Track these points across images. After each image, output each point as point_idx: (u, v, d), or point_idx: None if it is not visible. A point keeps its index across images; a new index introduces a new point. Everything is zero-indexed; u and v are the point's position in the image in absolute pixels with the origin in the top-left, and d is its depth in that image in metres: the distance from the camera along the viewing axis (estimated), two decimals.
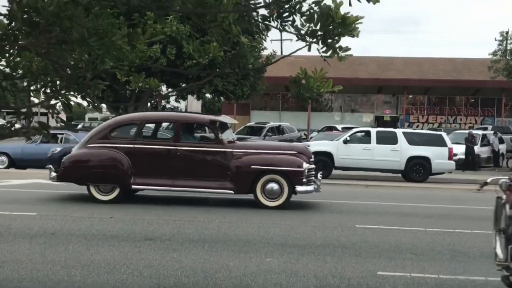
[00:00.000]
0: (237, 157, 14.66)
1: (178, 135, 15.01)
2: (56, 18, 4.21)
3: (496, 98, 51.31)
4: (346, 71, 44.12)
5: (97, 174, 14.89)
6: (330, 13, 4.72)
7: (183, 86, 29.82)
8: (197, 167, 14.78)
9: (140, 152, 14.90)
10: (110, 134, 15.15)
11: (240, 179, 14.58)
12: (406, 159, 24.48)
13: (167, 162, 14.81)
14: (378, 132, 25.30)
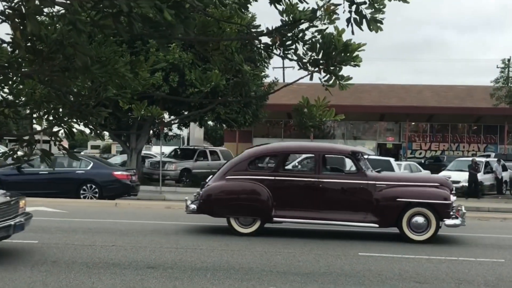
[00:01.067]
0: (380, 189, 14.40)
1: (319, 167, 14.80)
2: (59, 46, 4.23)
3: (498, 126, 51.34)
4: (349, 98, 44.20)
5: (238, 207, 14.69)
6: (332, 41, 4.75)
7: (186, 114, 29.89)
8: (340, 200, 14.55)
9: (281, 184, 14.69)
10: (249, 166, 14.99)
11: (385, 212, 14.30)
12: None
13: (309, 195, 14.58)
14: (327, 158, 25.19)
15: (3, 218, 10.86)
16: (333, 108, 5.38)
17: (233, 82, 18.15)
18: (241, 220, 14.72)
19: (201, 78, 5.85)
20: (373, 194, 14.33)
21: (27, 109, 5.66)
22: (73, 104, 4.93)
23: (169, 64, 26.45)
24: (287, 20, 4.84)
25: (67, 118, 5.05)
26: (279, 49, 4.99)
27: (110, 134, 39.76)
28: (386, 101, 50.53)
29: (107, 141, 70.51)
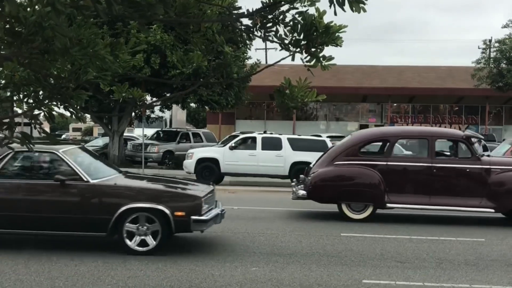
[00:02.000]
0: (496, 173, 14.37)
1: (433, 152, 14.68)
2: (38, 28, 4.19)
3: (480, 106, 51.63)
4: (331, 80, 44.24)
5: (350, 193, 14.57)
6: (313, 22, 4.74)
7: (168, 96, 29.77)
8: (455, 185, 14.48)
9: (394, 170, 14.57)
10: (359, 151, 14.88)
11: (503, 197, 14.27)
12: (290, 165, 24.82)
13: (423, 180, 14.49)
14: (263, 138, 25.58)
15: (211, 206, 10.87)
16: (315, 89, 5.39)
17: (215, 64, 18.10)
18: (353, 206, 14.64)
19: (182, 60, 5.84)
20: (488, 178, 14.28)
21: (7, 91, 5.62)
22: (53, 87, 4.89)
23: (151, 46, 26.29)
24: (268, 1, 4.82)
25: (47, 101, 5.01)
26: (260, 31, 4.98)
27: (92, 116, 39.56)
28: (368, 82, 50.61)
29: (89, 123, 70.16)
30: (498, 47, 38.12)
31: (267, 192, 21.64)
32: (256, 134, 26.51)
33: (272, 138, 25.68)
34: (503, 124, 52.78)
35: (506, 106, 52.24)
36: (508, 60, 37.02)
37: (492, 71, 38.03)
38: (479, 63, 38.62)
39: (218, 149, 26.13)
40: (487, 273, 9.43)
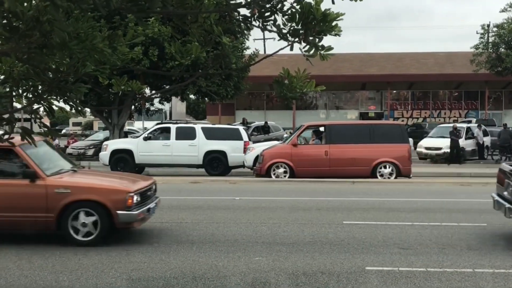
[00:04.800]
0: None
1: None
2: (36, 23, 4.18)
3: (479, 91, 51.59)
4: (330, 68, 44.19)
5: None
6: (311, 10, 4.73)
7: (167, 88, 29.74)
8: None
9: None
10: None
11: None
12: (203, 154, 25.13)
13: None
14: (177, 128, 25.76)
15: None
16: (314, 80, 5.38)
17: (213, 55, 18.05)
18: None
19: (181, 51, 5.81)
20: None
21: (6, 87, 5.61)
22: (52, 81, 4.89)
23: (149, 38, 26.24)
24: None
25: (46, 95, 5.01)
26: (258, 21, 4.97)
27: (92, 110, 39.54)
28: (367, 70, 50.57)
29: (89, 117, 70.13)
30: (496, 31, 38.00)
31: (269, 182, 21.64)
32: (171, 124, 26.73)
33: (186, 128, 25.87)
34: (503, 109, 52.79)
35: (506, 91, 52.22)
36: (507, 45, 36.94)
37: (491, 56, 37.95)
38: (478, 48, 38.52)
39: (132, 140, 26.46)
40: (489, 257, 9.45)
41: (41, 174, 10.36)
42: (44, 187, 10.27)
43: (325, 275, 8.42)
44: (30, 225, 10.35)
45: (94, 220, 10.24)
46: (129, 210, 10.28)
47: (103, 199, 10.24)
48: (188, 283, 8.06)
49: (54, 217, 10.21)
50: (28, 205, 10.24)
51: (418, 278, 8.23)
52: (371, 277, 8.32)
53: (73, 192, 10.29)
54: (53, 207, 10.20)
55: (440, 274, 8.48)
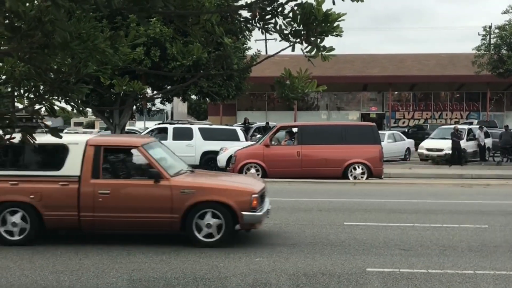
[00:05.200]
0: None
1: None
2: (38, 23, 4.19)
3: (481, 93, 51.53)
4: (331, 69, 44.16)
5: None
6: (312, 11, 4.73)
7: (168, 88, 29.73)
8: None
9: None
10: None
11: None
12: (200, 154, 25.35)
13: None
14: (174, 129, 25.97)
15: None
16: (315, 80, 5.37)
17: (215, 55, 18.08)
18: None
19: (182, 52, 5.82)
20: None
21: (8, 87, 5.62)
22: (54, 81, 4.89)
23: (150, 39, 26.23)
24: None
25: (48, 96, 5.02)
26: (259, 23, 4.97)
27: (93, 110, 39.52)
28: (369, 71, 50.52)
29: (90, 117, 70.14)
30: (498, 33, 37.95)
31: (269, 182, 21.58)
32: (168, 124, 26.76)
33: (183, 128, 25.97)
34: (505, 111, 52.72)
35: (507, 92, 52.16)
36: (509, 46, 36.89)
37: (492, 57, 37.91)
38: (480, 49, 38.47)
39: None
40: (490, 259, 9.45)
41: (165, 174, 10.34)
42: (168, 187, 10.24)
43: (325, 276, 8.42)
44: (155, 225, 10.38)
45: (218, 221, 10.18)
46: (254, 212, 10.23)
47: (228, 200, 10.19)
48: (189, 283, 8.06)
49: (178, 218, 10.17)
50: (153, 206, 10.20)
51: (419, 280, 8.23)
52: (372, 279, 8.31)
53: (198, 193, 10.24)
54: (178, 208, 10.15)
55: (441, 275, 8.47)
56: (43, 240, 10.61)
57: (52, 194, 10.25)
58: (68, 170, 10.35)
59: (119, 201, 10.25)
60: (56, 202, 10.23)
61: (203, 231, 10.19)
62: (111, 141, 11.37)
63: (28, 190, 10.26)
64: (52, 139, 10.96)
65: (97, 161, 10.38)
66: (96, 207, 10.21)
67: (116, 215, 10.21)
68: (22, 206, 10.28)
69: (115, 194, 10.26)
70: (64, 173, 10.34)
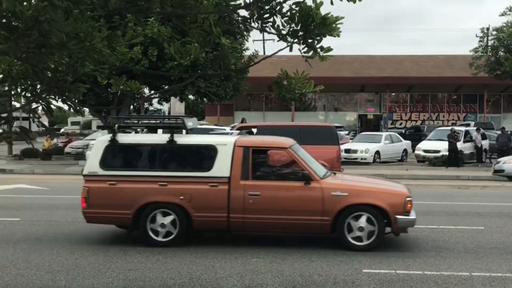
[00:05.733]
0: None
1: None
2: (35, 22, 4.18)
3: (478, 95, 51.61)
4: (329, 70, 44.18)
5: None
6: (310, 14, 4.73)
7: (166, 88, 29.72)
8: None
9: None
10: None
11: None
12: None
13: None
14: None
15: None
16: (312, 80, 5.38)
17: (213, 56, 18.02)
18: None
19: (180, 52, 5.82)
20: None
21: (5, 86, 5.62)
22: (51, 80, 4.89)
23: (148, 38, 26.22)
24: None
25: (45, 95, 5.01)
26: (257, 23, 4.97)
27: (90, 110, 39.50)
28: (366, 72, 50.56)
29: (87, 117, 70.07)
30: (496, 35, 38.03)
31: None
32: None
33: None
34: (502, 112, 52.81)
35: (504, 94, 52.24)
36: (506, 48, 36.97)
37: (490, 59, 37.98)
38: (477, 51, 38.54)
39: None
40: (486, 261, 9.45)
41: (315, 176, 10.23)
42: (319, 189, 10.11)
43: (322, 277, 8.41)
44: (305, 227, 10.24)
45: (370, 224, 10.03)
46: (407, 215, 10.10)
47: (382, 202, 10.06)
48: (185, 284, 8.05)
49: (330, 221, 10.04)
50: (303, 208, 10.06)
51: (415, 281, 8.23)
52: (368, 280, 8.31)
53: (351, 195, 10.10)
54: (329, 210, 10.02)
55: (437, 277, 8.47)
56: (38, 239, 10.60)
57: (202, 195, 10.15)
58: (217, 171, 10.21)
59: (270, 203, 10.11)
60: (206, 204, 10.13)
61: (353, 234, 10.05)
62: (259, 142, 11.18)
63: (178, 191, 10.18)
64: (201, 139, 11.03)
65: (246, 162, 10.27)
66: (247, 209, 10.08)
67: (266, 217, 10.08)
68: (171, 207, 10.22)
69: (266, 195, 10.12)
70: (213, 174, 10.20)
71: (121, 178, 10.34)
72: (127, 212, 10.21)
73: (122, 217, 10.31)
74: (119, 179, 10.33)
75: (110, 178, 10.31)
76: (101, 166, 10.37)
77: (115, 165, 10.51)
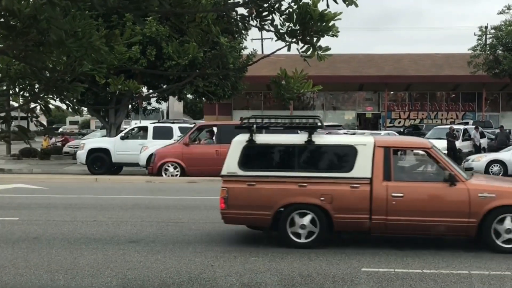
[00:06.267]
0: None
1: None
2: (33, 21, 4.17)
3: (476, 93, 51.68)
4: (327, 69, 44.19)
5: None
6: (308, 10, 4.73)
7: (164, 88, 29.69)
8: None
9: None
10: None
11: None
12: None
13: None
14: (155, 128, 26.05)
15: None
16: (311, 80, 5.37)
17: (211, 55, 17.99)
18: None
19: (178, 51, 5.81)
20: None
21: (3, 85, 5.61)
22: (49, 80, 4.88)
23: (146, 38, 26.19)
24: None
25: (43, 94, 5.00)
26: (256, 21, 4.97)
27: (88, 109, 39.46)
28: (365, 71, 50.59)
29: (86, 116, 70.10)
30: (494, 33, 38.06)
31: None
32: (148, 124, 26.89)
33: (163, 128, 26.01)
34: (500, 111, 52.86)
35: (503, 93, 52.30)
36: (504, 47, 36.99)
37: (488, 57, 38.00)
38: (475, 50, 38.56)
39: (109, 139, 26.72)
40: (485, 259, 9.45)
41: (461, 177, 10.09)
42: (466, 191, 9.93)
43: (321, 276, 8.41)
44: (450, 230, 10.05)
45: None
46: None
47: None
48: (184, 283, 8.05)
49: (476, 223, 9.86)
50: (448, 210, 9.90)
51: (414, 280, 8.23)
52: (367, 278, 8.31)
53: (498, 197, 9.92)
54: (475, 212, 9.84)
55: (436, 275, 8.48)
56: (37, 239, 10.59)
57: (343, 196, 10.02)
58: (358, 172, 10.06)
59: (413, 204, 9.93)
60: (347, 205, 9.99)
61: (502, 237, 9.90)
62: (399, 142, 11.08)
63: (318, 192, 10.06)
64: (339, 139, 10.92)
65: (387, 163, 10.10)
66: (389, 210, 9.92)
67: (409, 218, 9.92)
68: (311, 208, 10.11)
69: (409, 197, 9.94)
70: (354, 175, 10.05)
71: (260, 178, 10.22)
72: (267, 213, 10.12)
73: (261, 218, 10.20)
74: (258, 179, 10.21)
75: (249, 179, 10.21)
76: (240, 166, 10.27)
77: (254, 165, 10.39)
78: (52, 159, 33.10)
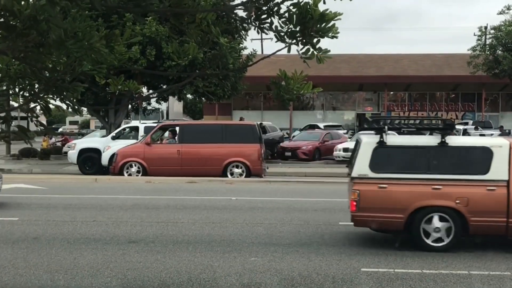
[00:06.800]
0: None
1: None
2: (33, 21, 4.18)
3: (476, 93, 51.61)
4: (327, 69, 44.13)
5: None
6: (308, 10, 4.72)
7: (164, 88, 29.70)
8: None
9: None
10: None
11: None
12: None
13: None
14: (146, 128, 26.12)
15: None
16: (311, 81, 5.37)
17: (211, 55, 18.06)
18: None
19: (178, 51, 5.81)
20: None
21: (3, 85, 5.61)
22: (49, 80, 4.89)
23: (146, 38, 26.20)
24: None
25: (43, 94, 5.01)
26: (255, 23, 4.96)
27: (88, 109, 39.47)
28: (365, 71, 50.54)
29: (86, 116, 70.10)
30: (494, 34, 38.06)
31: (266, 183, 21.63)
32: (139, 123, 26.96)
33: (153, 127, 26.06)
34: (500, 111, 52.83)
35: (502, 93, 52.26)
36: (504, 47, 36.98)
37: (488, 58, 37.99)
38: (475, 50, 38.54)
39: (101, 139, 26.82)
40: (485, 260, 9.45)
41: None
42: None
43: (320, 276, 8.42)
44: None
45: None
46: None
47: None
48: (184, 283, 8.05)
49: None
50: None
51: (414, 280, 8.24)
52: (367, 279, 8.32)
53: None
54: None
55: (435, 276, 8.48)
56: (37, 239, 10.59)
57: (479, 199, 9.90)
58: (495, 174, 9.92)
59: None
60: (483, 208, 9.87)
61: None
62: None
63: (453, 195, 9.96)
64: (473, 141, 10.75)
65: None
66: None
67: None
68: (446, 211, 10.01)
69: None
70: (491, 177, 9.94)
71: (392, 181, 10.13)
72: (400, 216, 10.02)
73: (394, 221, 10.10)
74: (390, 182, 10.12)
75: (381, 181, 10.12)
76: (371, 168, 10.17)
77: (385, 167, 10.26)
78: (52, 159, 33.09)
